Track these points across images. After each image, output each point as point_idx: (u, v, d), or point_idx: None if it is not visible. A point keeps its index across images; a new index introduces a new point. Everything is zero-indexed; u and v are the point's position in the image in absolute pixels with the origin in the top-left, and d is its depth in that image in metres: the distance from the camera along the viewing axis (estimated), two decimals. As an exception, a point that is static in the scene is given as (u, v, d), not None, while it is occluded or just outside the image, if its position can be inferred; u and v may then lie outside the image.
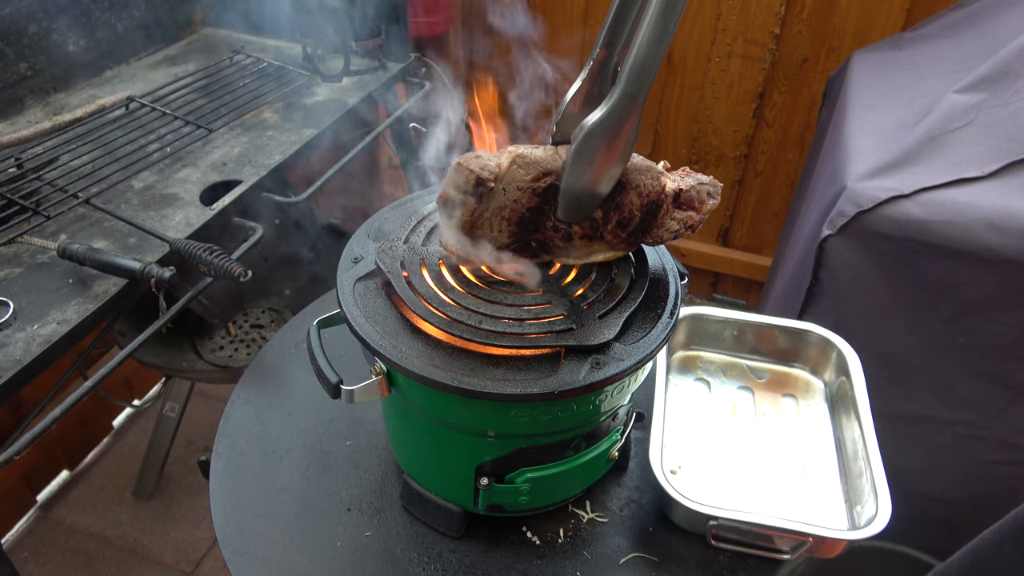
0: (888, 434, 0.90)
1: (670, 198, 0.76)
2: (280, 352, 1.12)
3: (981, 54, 1.37)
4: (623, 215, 0.75)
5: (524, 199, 0.72)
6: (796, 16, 2.02)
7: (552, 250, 0.77)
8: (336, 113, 1.51)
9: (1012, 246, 1.15)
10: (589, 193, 0.73)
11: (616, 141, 0.70)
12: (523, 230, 0.74)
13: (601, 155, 0.70)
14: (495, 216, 0.73)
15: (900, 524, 0.81)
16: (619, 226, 0.75)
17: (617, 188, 0.74)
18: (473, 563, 0.84)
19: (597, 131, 0.69)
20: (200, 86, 1.56)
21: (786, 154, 2.26)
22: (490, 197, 0.72)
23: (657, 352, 0.73)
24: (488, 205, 0.73)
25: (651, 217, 0.76)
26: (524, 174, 0.72)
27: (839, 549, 0.81)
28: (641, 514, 0.90)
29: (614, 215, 0.75)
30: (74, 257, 1.04)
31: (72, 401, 0.94)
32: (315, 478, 0.93)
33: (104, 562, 1.85)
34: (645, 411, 0.95)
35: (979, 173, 1.20)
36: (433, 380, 0.67)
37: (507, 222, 0.73)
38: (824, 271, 1.32)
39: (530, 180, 0.72)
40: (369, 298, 0.76)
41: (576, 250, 0.77)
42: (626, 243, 0.77)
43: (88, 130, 1.38)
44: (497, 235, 0.74)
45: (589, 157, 0.70)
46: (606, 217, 0.75)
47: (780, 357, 1.07)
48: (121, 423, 2.20)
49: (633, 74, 0.66)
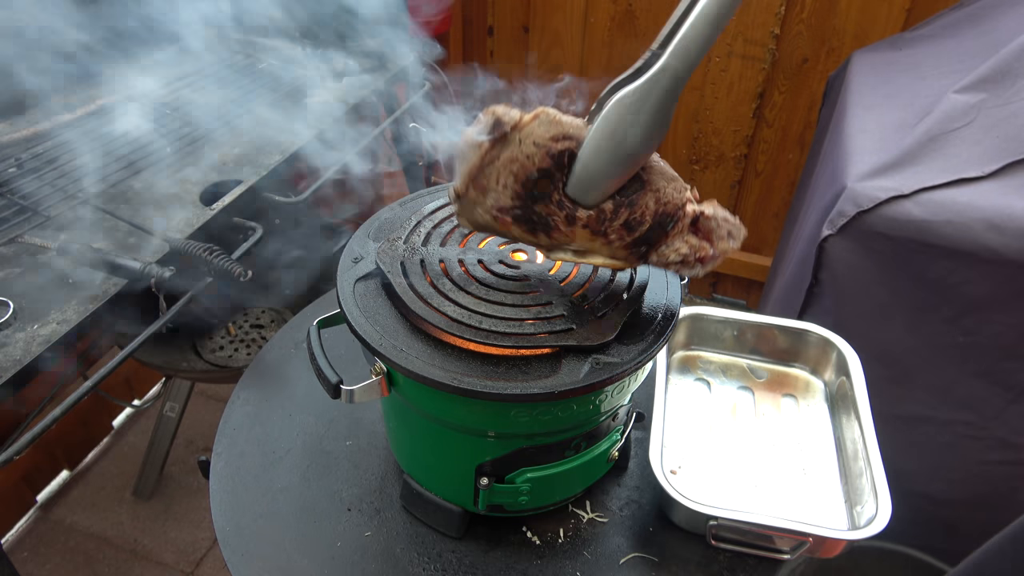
0: (888, 434, 0.90)
1: (688, 218, 0.71)
2: (280, 352, 1.12)
3: (981, 54, 1.37)
4: (634, 215, 0.70)
5: (537, 157, 0.69)
6: (796, 16, 2.02)
7: (552, 232, 0.73)
8: (336, 113, 1.51)
9: (1012, 246, 1.15)
10: (604, 173, 0.69)
11: (646, 116, 0.66)
12: (528, 194, 0.70)
13: (627, 129, 0.66)
14: (504, 168, 0.70)
15: (900, 524, 0.81)
16: (626, 227, 0.71)
17: (635, 185, 0.70)
18: (473, 563, 0.84)
19: (627, 99, 0.65)
20: (200, 86, 1.56)
21: (786, 154, 2.26)
22: (504, 145, 0.69)
23: (657, 352, 0.73)
24: (500, 153, 0.69)
25: (662, 230, 0.71)
26: (544, 131, 0.68)
27: (839, 549, 0.81)
28: (641, 514, 0.90)
29: (624, 211, 0.70)
30: (74, 257, 1.03)
31: (72, 401, 0.94)
32: (315, 478, 0.93)
33: (104, 562, 1.85)
34: (645, 411, 0.95)
35: (979, 173, 1.20)
36: (433, 380, 0.67)
37: (514, 178, 0.70)
38: (824, 271, 1.32)
39: (548, 138, 0.68)
40: (369, 298, 0.76)
41: (576, 240, 0.73)
42: (628, 251, 0.73)
43: (88, 130, 1.38)
44: (501, 191, 0.71)
45: (613, 128, 0.67)
46: (616, 212, 0.70)
47: (780, 357, 1.07)
48: (121, 423, 2.20)
49: (680, 47, 0.63)
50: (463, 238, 0.83)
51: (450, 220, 0.86)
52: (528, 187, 0.70)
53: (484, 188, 0.71)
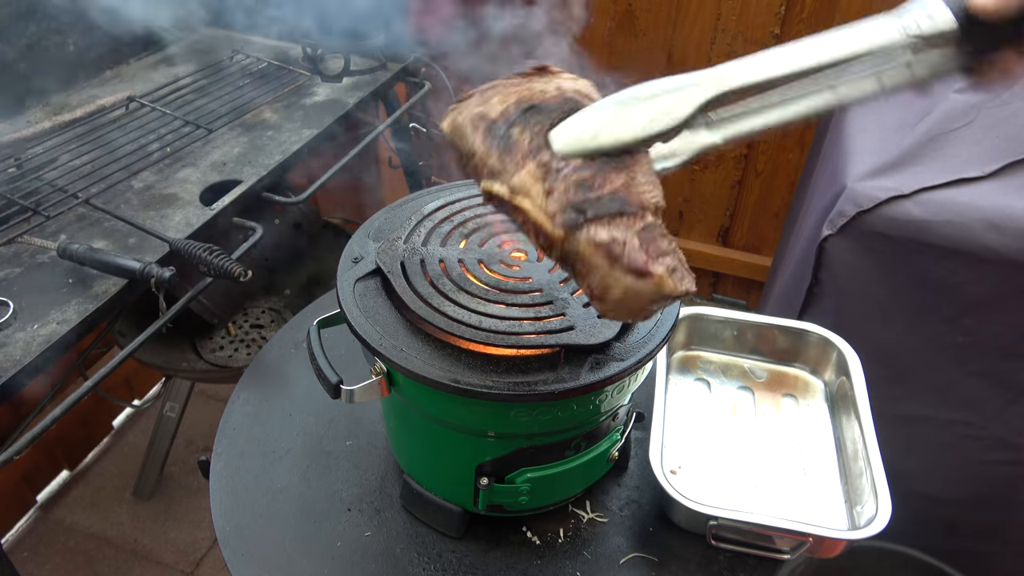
0: (888, 434, 0.90)
1: (642, 222, 0.62)
2: (280, 352, 1.12)
3: (981, 54, 1.37)
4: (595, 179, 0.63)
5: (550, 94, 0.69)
6: (796, 16, 2.02)
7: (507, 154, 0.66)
8: (336, 113, 1.51)
9: (1012, 246, 1.15)
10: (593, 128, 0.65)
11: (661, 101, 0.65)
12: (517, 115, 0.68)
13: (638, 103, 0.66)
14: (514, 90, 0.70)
15: (900, 524, 0.81)
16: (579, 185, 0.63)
17: (615, 162, 0.65)
18: (473, 563, 0.84)
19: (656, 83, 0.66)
20: (200, 86, 1.56)
21: (786, 154, 2.26)
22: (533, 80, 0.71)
23: (657, 352, 0.73)
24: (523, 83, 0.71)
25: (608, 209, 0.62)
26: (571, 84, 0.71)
27: (839, 549, 0.81)
28: (641, 514, 0.90)
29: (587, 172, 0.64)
30: (74, 257, 1.04)
31: (72, 401, 0.94)
32: (315, 478, 0.93)
33: (104, 562, 1.85)
34: (645, 411, 0.95)
35: (979, 173, 1.20)
36: (433, 380, 0.67)
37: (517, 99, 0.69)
38: (824, 271, 1.32)
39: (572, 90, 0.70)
40: (369, 298, 0.76)
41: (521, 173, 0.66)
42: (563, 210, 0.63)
43: (88, 130, 1.38)
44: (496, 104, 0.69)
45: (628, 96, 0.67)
46: (579, 169, 0.64)
47: (780, 357, 1.07)
48: (121, 423, 2.20)
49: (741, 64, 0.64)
50: (463, 238, 0.83)
51: (450, 220, 0.86)
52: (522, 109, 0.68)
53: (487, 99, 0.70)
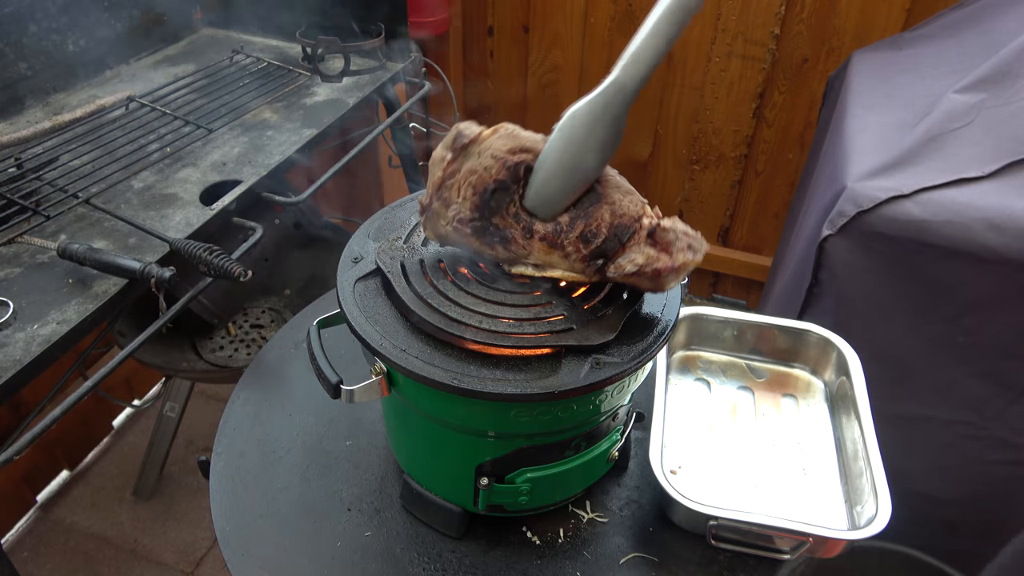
0: (888, 434, 0.90)
1: (645, 230, 0.71)
2: (280, 352, 1.12)
3: (981, 54, 1.37)
4: (589, 227, 0.71)
5: (494, 169, 0.71)
6: (796, 16, 2.02)
7: (510, 244, 0.73)
8: (336, 113, 1.51)
9: (1012, 246, 1.15)
10: (559, 185, 0.70)
11: (598, 129, 0.68)
12: (485, 206, 0.72)
13: (579, 141, 0.69)
14: (464, 180, 0.72)
15: (900, 524, 0.81)
16: (583, 239, 0.71)
17: (591, 197, 0.71)
18: (473, 563, 0.84)
19: (580, 113, 0.68)
20: (200, 86, 1.56)
21: (786, 154, 2.26)
22: (465, 157, 0.72)
23: (657, 352, 0.73)
24: (462, 165, 0.72)
25: (618, 241, 0.71)
26: (503, 144, 0.71)
27: (839, 549, 0.81)
28: (641, 514, 0.91)
29: (580, 224, 0.71)
30: (74, 257, 1.04)
31: (72, 401, 0.94)
32: (315, 478, 0.93)
33: (104, 562, 1.85)
34: (645, 411, 0.95)
35: (979, 173, 1.20)
36: (433, 380, 0.67)
37: (472, 190, 0.72)
38: (824, 271, 1.32)
39: (505, 151, 0.71)
40: (369, 298, 0.76)
41: (534, 254, 0.74)
42: (585, 263, 0.72)
43: (88, 130, 1.38)
44: (461, 203, 0.73)
45: (567, 140, 0.69)
46: (572, 224, 0.71)
47: (780, 357, 1.07)
48: (121, 423, 2.20)
49: (629, 62, 0.65)
50: (463, 238, 0.83)
51: (450, 220, 0.86)
52: (486, 199, 0.72)
53: (447, 201, 0.73)
